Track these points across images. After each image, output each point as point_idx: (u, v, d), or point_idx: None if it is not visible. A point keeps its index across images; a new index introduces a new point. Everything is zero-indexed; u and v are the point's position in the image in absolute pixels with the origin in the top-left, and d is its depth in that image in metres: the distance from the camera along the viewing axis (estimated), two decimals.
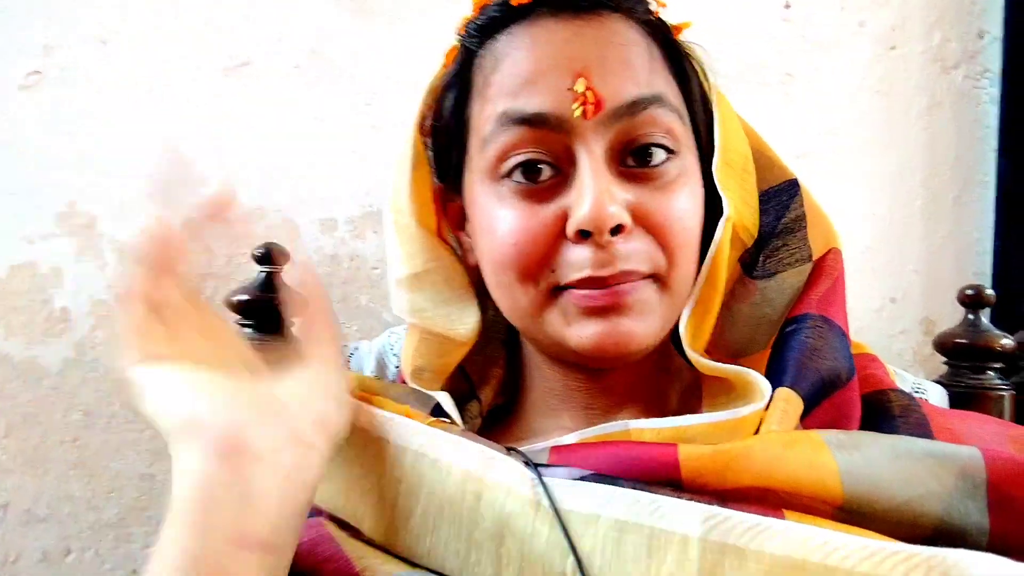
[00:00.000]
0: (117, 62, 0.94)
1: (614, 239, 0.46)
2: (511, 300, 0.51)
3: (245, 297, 0.73)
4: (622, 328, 0.47)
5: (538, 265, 0.49)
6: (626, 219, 0.47)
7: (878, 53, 0.96)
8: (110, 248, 0.93)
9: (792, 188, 0.55)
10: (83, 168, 0.93)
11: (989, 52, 0.95)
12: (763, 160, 0.55)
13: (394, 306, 0.58)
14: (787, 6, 0.97)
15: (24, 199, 0.93)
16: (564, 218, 0.48)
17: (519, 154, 0.49)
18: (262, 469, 0.37)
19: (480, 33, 0.53)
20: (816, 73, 0.96)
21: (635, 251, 0.47)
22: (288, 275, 0.49)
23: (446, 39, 0.57)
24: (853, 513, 0.39)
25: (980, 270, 0.93)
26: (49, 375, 0.92)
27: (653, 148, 0.49)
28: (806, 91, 0.96)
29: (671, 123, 0.49)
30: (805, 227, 0.54)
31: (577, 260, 0.47)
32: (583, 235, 0.47)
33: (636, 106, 0.48)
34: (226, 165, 0.93)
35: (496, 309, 0.58)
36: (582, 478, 0.41)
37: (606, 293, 0.47)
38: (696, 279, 0.51)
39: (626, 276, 0.47)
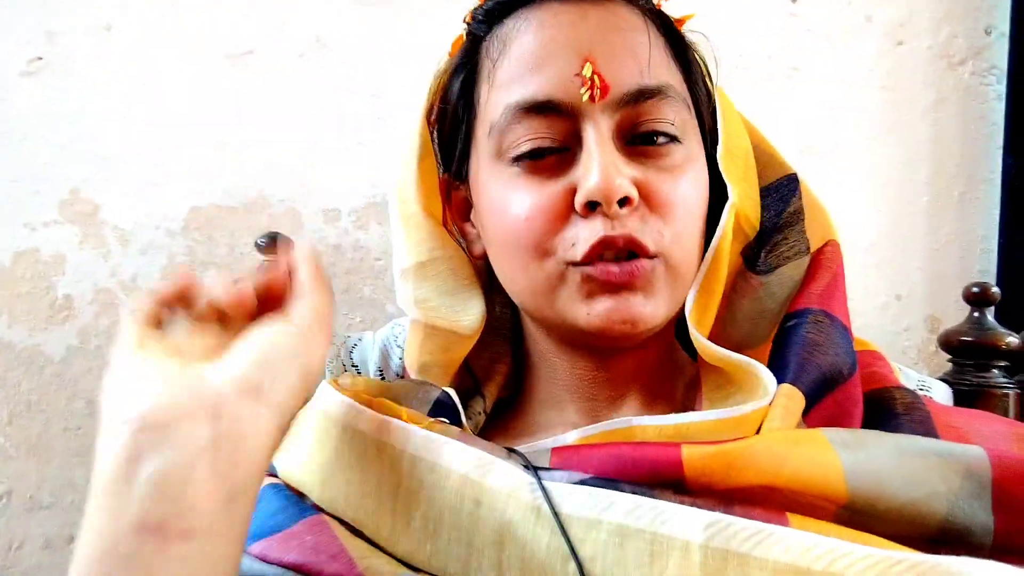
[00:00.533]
0: (120, 49, 0.93)
1: (622, 210, 0.47)
2: (525, 279, 0.51)
3: None
4: (631, 306, 0.48)
5: (550, 239, 0.49)
6: (633, 192, 0.47)
7: (885, 48, 0.95)
8: (113, 235, 0.93)
9: (791, 183, 0.55)
10: (85, 155, 0.93)
11: (996, 48, 0.95)
12: (764, 156, 0.56)
13: (398, 297, 0.58)
14: (795, 0, 0.96)
15: (26, 186, 0.92)
16: (573, 192, 0.48)
17: (527, 139, 0.49)
18: (171, 449, 0.34)
19: (487, 18, 0.53)
20: (822, 67, 0.96)
21: (641, 228, 0.48)
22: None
23: (451, 28, 0.57)
24: (857, 512, 0.39)
25: (985, 268, 0.93)
26: (52, 363, 0.92)
27: (658, 134, 0.49)
28: (812, 85, 0.96)
29: (677, 112, 0.50)
30: (803, 220, 0.54)
31: (587, 231, 0.48)
32: (591, 207, 0.47)
33: (642, 95, 0.48)
34: (229, 153, 0.93)
35: (502, 304, 0.58)
36: (583, 482, 0.41)
37: (621, 271, 0.47)
38: (700, 265, 0.51)
39: (636, 245, 0.47)
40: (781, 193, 0.55)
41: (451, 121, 0.55)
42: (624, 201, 0.47)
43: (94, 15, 0.93)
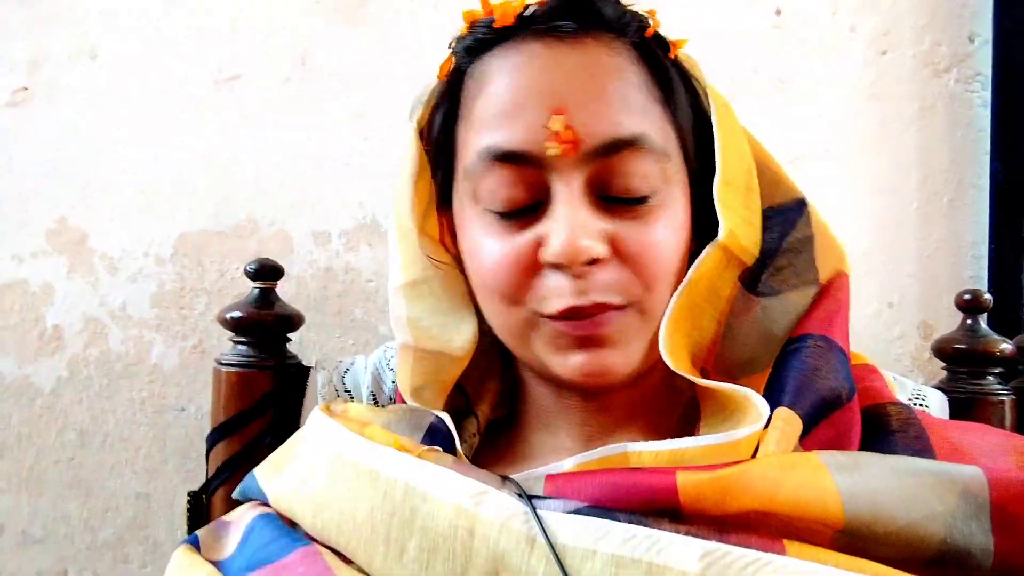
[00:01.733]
0: (106, 77, 0.93)
1: (590, 268, 0.47)
2: (498, 321, 0.52)
3: (238, 314, 0.72)
4: (602, 360, 0.48)
5: (519, 290, 0.49)
6: (600, 251, 0.47)
7: (870, 57, 0.96)
8: (102, 264, 0.92)
9: (799, 207, 0.54)
10: (72, 184, 0.92)
11: (980, 55, 0.95)
12: (768, 175, 0.55)
13: (391, 314, 0.58)
14: (778, 12, 0.97)
15: (13, 216, 0.92)
16: (540, 245, 0.48)
17: (498, 186, 0.49)
18: None
19: (468, 52, 0.53)
20: (808, 78, 0.96)
21: (610, 282, 0.48)
22: None
23: (436, 49, 0.56)
24: (855, 536, 0.39)
25: (976, 273, 0.93)
26: (42, 394, 0.91)
27: (631, 186, 0.49)
28: (798, 96, 0.96)
29: (648, 167, 0.49)
30: (813, 249, 0.53)
31: (556, 287, 0.48)
32: (556, 266, 0.47)
33: (613, 147, 0.48)
34: (217, 178, 0.93)
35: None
36: (578, 511, 0.40)
37: (586, 324, 0.48)
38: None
39: (602, 307, 0.48)
40: (786, 216, 0.54)
41: (434, 152, 0.55)
42: (592, 260, 0.47)
43: (78, 43, 0.93)
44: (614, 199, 0.49)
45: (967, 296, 0.71)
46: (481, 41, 0.52)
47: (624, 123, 0.48)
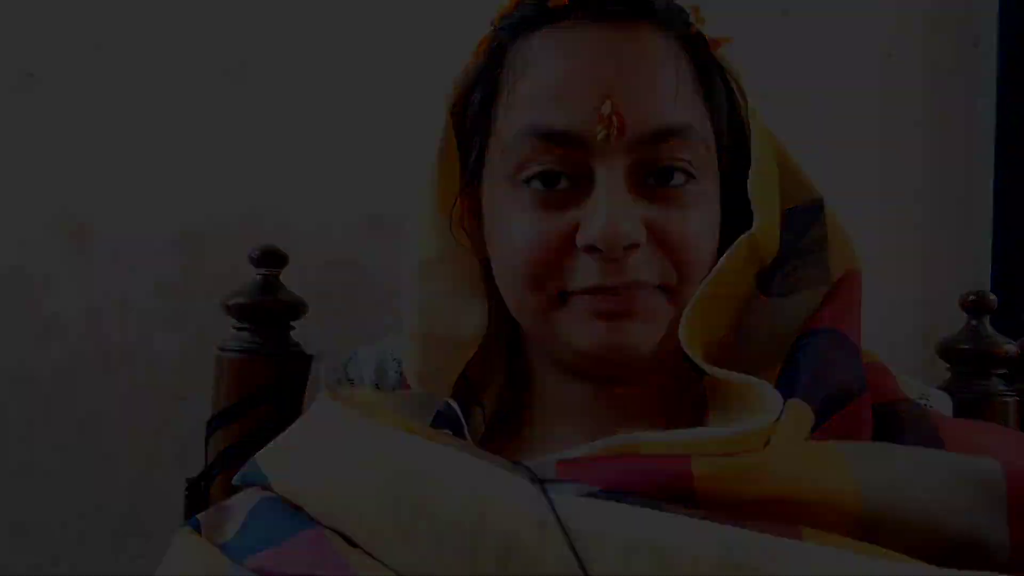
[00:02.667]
0: (111, 65, 0.92)
1: (626, 252, 0.47)
2: (518, 302, 0.52)
3: (242, 300, 0.72)
4: (627, 333, 0.48)
5: (546, 273, 0.49)
6: (640, 236, 0.47)
7: (875, 60, 0.96)
8: (103, 252, 0.91)
9: (816, 208, 0.54)
10: (75, 172, 0.92)
11: (985, 60, 0.96)
12: (789, 176, 0.54)
13: (403, 296, 0.58)
14: (784, 13, 0.97)
15: (15, 203, 0.91)
16: (576, 228, 0.48)
17: (539, 165, 0.49)
18: None
19: (514, 30, 0.52)
20: (813, 80, 0.96)
21: (645, 265, 0.48)
22: None
23: (444, 41, 0.56)
24: (871, 525, 0.39)
25: (979, 277, 0.94)
26: (40, 383, 0.90)
27: (674, 172, 0.49)
28: (803, 98, 0.96)
29: (694, 152, 0.49)
30: (826, 248, 0.53)
31: (586, 270, 0.48)
32: (592, 249, 0.47)
33: (660, 135, 0.48)
34: (220, 169, 0.93)
35: (499, 310, 0.57)
36: (590, 495, 0.40)
37: (614, 299, 0.48)
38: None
39: (635, 285, 0.48)
40: (804, 218, 0.54)
41: (469, 131, 0.55)
42: (630, 247, 0.47)
43: (84, 31, 0.92)
44: (655, 186, 0.49)
45: (972, 297, 0.72)
46: (529, 19, 0.51)
47: (672, 112, 0.48)
